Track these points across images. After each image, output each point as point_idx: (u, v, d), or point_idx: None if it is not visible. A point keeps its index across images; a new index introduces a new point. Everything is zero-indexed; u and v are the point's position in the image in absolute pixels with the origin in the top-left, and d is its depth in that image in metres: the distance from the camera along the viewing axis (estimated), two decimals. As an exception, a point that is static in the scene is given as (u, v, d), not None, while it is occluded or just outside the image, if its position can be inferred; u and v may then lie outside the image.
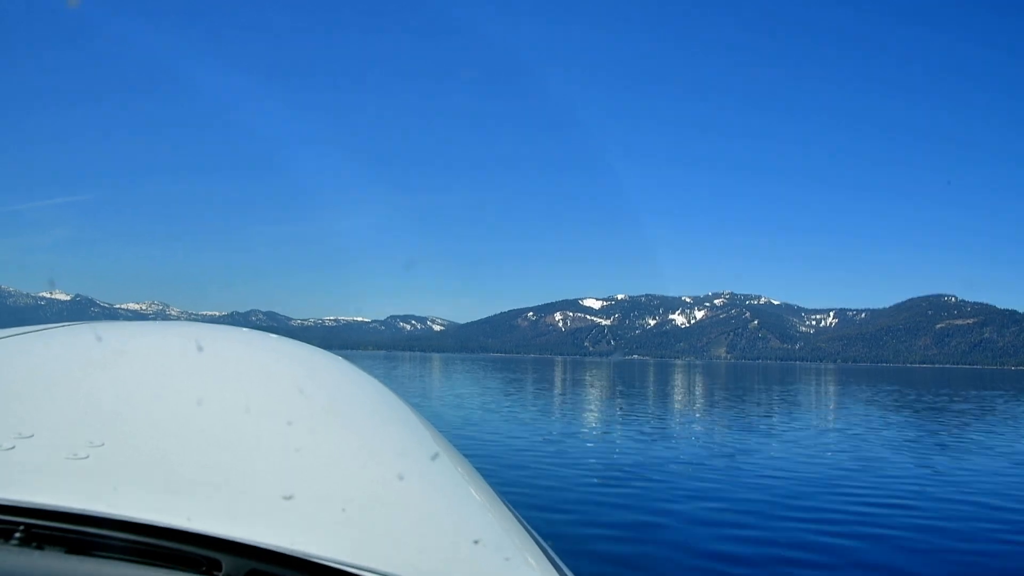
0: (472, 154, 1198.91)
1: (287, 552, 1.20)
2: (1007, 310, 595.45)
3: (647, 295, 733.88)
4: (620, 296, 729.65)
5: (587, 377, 74.48)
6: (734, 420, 27.83)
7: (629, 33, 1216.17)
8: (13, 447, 1.42)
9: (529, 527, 1.71)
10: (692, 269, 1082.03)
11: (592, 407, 34.01)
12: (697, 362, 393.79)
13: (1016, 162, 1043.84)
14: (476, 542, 1.46)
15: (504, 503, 1.80)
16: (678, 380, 76.54)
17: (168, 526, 1.20)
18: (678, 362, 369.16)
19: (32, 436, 1.48)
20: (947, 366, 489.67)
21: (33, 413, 1.64)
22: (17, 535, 1.16)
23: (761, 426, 25.24)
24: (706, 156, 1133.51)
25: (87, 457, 1.42)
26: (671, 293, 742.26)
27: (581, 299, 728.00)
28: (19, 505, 1.20)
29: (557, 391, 46.77)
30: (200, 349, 2.19)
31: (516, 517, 1.73)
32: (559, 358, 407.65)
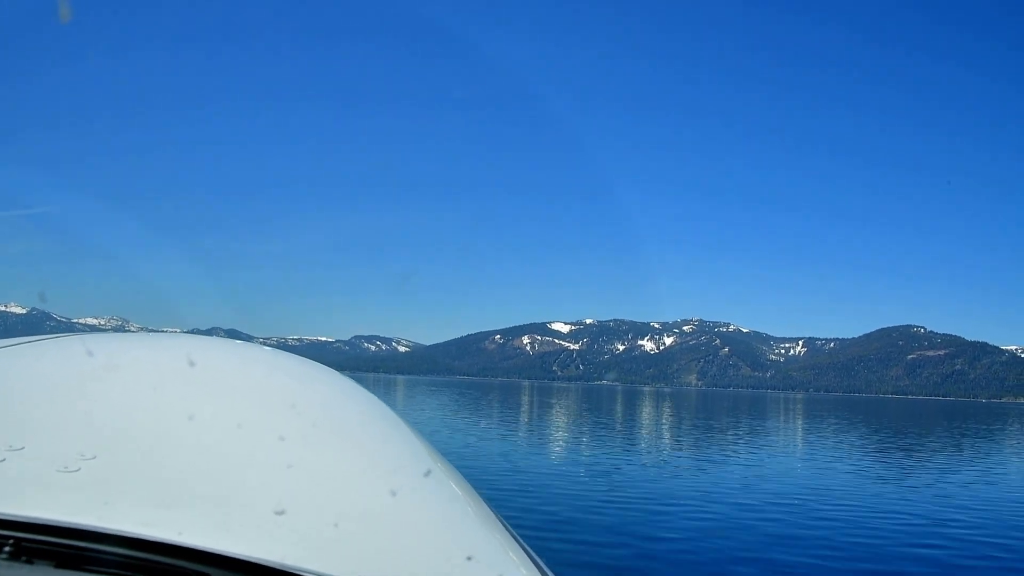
0: (440, 176, 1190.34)
1: (278, 567, 1.19)
2: (976, 342, 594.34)
3: (615, 320, 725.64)
4: (588, 320, 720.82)
5: (578, 407, 69.22)
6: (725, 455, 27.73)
7: (606, 55, 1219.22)
8: (4, 459, 1.40)
9: (523, 543, 1.71)
10: (661, 295, 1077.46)
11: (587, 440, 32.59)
12: (666, 389, 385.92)
13: (984, 195, 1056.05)
14: (470, 558, 1.45)
15: (498, 519, 1.79)
16: (676, 412, 72.46)
17: (159, 540, 1.18)
18: (646, 388, 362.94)
19: (23, 449, 1.46)
20: (920, 397, 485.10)
21: (24, 425, 1.62)
22: (7, 549, 1.15)
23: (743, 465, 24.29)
24: (674, 181, 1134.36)
25: (78, 470, 1.40)
26: (640, 319, 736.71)
27: (549, 323, 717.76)
28: (9, 518, 1.18)
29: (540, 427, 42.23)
30: (193, 362, 2.16)
31: (510, 533, 1.72)
32: (527, 382, 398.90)
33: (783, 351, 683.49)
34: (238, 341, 2.75)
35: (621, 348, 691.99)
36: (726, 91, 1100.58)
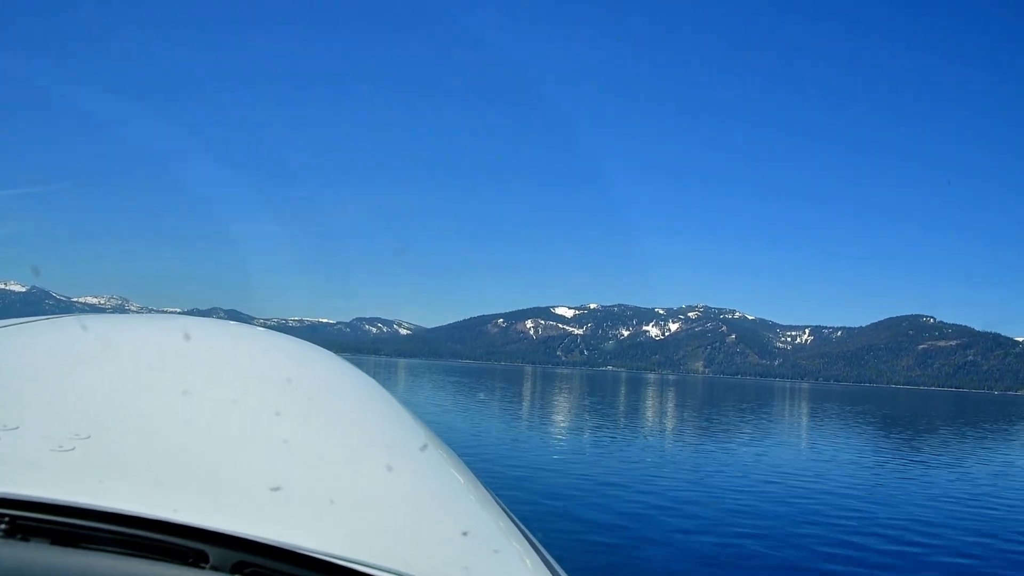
0: (446, 158, 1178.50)
1: (275, 544, 1.18)
2: (988, 332, 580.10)
3: (620, 305, 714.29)
4: (592, 305, 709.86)
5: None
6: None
7: (619, 46, 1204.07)
8: None
9: (517, 519, 1.72)
10: (665, 281, 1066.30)
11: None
12: (671, 376, 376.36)
13: (992, 184, 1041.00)
14: (465, 534, 1.47)
15: (492, 496, 1.80)
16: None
17: (155, 518, 1.18)
18: (651, 376, 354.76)
19: (17, 428, 1.46)
20: (932, 388, 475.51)
21: (18, 405, 1.62)
22: (3, 526, 1.15)
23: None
24: (684, 168, 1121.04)
25: (73, 449, 1.40)
26: (644, 304, 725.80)
27: (553, 307, 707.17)
28: (4, 497, 1.18)
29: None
30: (187, 341, 2.17)
31: (504, 509, 1.73)
32: (529, 367, 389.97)
33: (790, 339, 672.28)
34: (231, 322, 2.76)
35: (626, 333, 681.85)
36: (733, 82, 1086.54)
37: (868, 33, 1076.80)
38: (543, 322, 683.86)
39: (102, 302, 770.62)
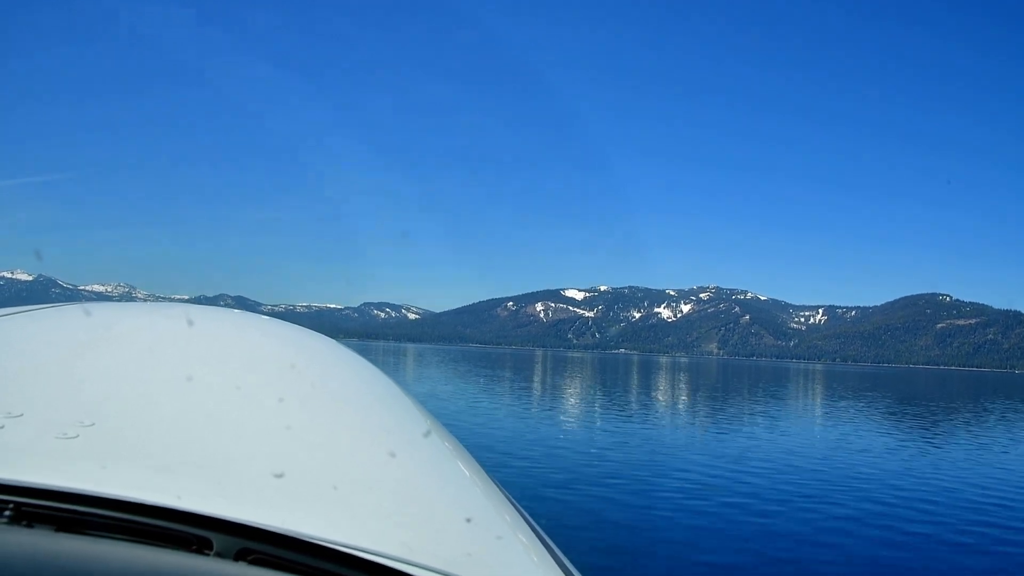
0: (454, 143, 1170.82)
1: (278, 530, 1.18)
2: (1009, 311, 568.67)
3: (630, 287, 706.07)
4: (603, 287, 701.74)
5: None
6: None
7: (624, 30, 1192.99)
8: (2, 426, 1.41)
9: (520, 507, 1.73)
10: (674, 262, 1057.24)
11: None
12: (683, 359, 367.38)
13: (1004, 162, 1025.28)
14: (468, 520, 1.47)
15: (495, 483, 1.81)
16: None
17: (158, 505, 1.18)
18: (662, 359, 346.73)
19: (22, 415, 1.46)
20: (952, 368, 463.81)
21: (23, 393, 1.62)
22: (7, 513, 1.15)
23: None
24: (689, 149, 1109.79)
25: (77, 436, 1.41)
26: (655, 286, 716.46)
27: (563, 289, 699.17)
28: (8, 484, 1.18)
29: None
30: (190, 329, 2.18)
31: (507, 497, 1.74)
32: (540, 351, 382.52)
33: (804, 319, 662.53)
34: (234, 310, 2.78)
35: (637, 315, 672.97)
36: (739, 63, 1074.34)
37: (879, 13, 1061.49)
38: (553, 305, 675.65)
39: (108, 290, 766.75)
